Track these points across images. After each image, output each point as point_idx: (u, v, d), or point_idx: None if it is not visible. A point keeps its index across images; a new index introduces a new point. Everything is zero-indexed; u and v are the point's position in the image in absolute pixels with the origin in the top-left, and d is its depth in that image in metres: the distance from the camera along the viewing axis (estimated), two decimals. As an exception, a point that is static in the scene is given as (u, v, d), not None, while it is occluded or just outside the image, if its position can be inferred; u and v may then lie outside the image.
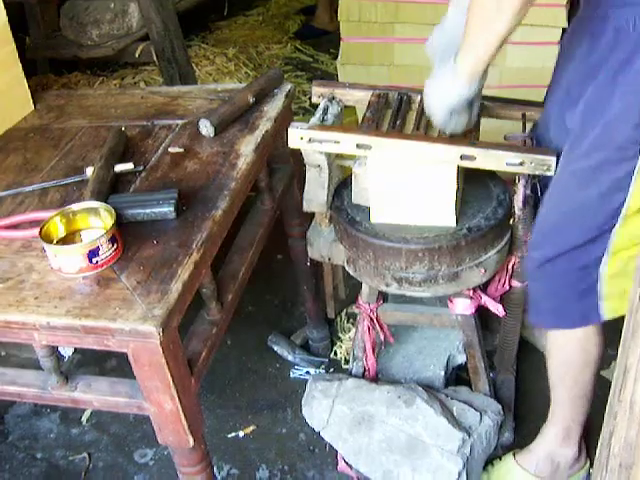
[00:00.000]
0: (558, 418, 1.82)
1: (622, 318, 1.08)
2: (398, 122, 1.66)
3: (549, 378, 1.79)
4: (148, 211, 1.44)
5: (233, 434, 2.15)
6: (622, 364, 1.01)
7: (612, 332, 1.64)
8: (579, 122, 1.44)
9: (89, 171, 1.59)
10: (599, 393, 1.73)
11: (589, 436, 1.86)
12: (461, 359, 2.01)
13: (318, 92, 1.81)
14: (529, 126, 1.73)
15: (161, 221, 1.44)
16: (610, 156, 1.38)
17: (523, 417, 2.04)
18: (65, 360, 2.37)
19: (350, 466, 1.88)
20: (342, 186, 1.77)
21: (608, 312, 1.57)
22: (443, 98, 1.49)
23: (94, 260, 1.31)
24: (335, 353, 2.37)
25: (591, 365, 1.72)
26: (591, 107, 1.40)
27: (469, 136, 1.62)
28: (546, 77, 1.69)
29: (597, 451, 1.18)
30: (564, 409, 1.80)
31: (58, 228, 1.41)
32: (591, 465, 1.87)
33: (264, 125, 1.76)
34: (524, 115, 1.74)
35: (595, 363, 1.72)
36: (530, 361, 2.20)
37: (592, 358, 1.70)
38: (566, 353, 1.72)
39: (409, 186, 1.60)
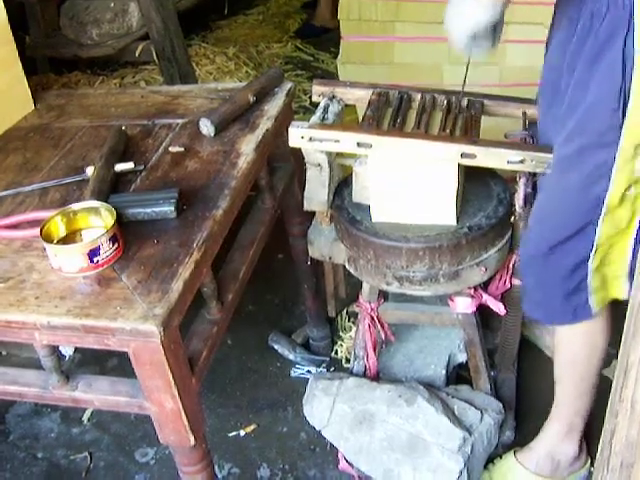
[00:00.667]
0: (562, 413, 1.82)
1: (623, 317, 1.08)
2: (398, 120, 1.66)
3: (555, 373, 1.78)
4: (149, 210, 1.44)
5: (234, 433, 2.14)
6: (623, 363, 1.01)
7: (613, 331, 1.64)
8: (564, 111, 1.44)
9: (89, 170, 1.59)
10: (600, 392, 1.73)
11: (590, 434, 1.86)
12: (462, 358, 2.01)
13: (318, 91, 1.80)
14: (529, 124, 1.73)
15: (162, 220, 1.44)
16: (590, 141, 1.38)
17: (524, 416, 2.04)
18: (66, 359, 2.37)
19: (351, 465, 1.88)
20: (343, 185, 1.77)
21: (596, 304, 1.58)
22: (466, 20, 1.40)
23: (95, 259, 1.31)
24: (336, 352, 2.36)
25: (597, 359, 1.72)
26: (572, 95, 1.40)
27: (470, 132, 1.62)
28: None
29: (598, 450, 1.18)
30: (569, 404, 1.80)
31: (59, 228, 1.41)
32: (592, 463, 1.87)
33: (264, 124, 1.76)
34: (524, 113, 1.74)
35: (601, 357, 1.72)
36: (531, 360, 2.20)
37: (599, 352, 1.70)
38: (573, 347, 1.71)
39: (410, 185, 1.60)
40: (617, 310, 1.61)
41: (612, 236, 1.46)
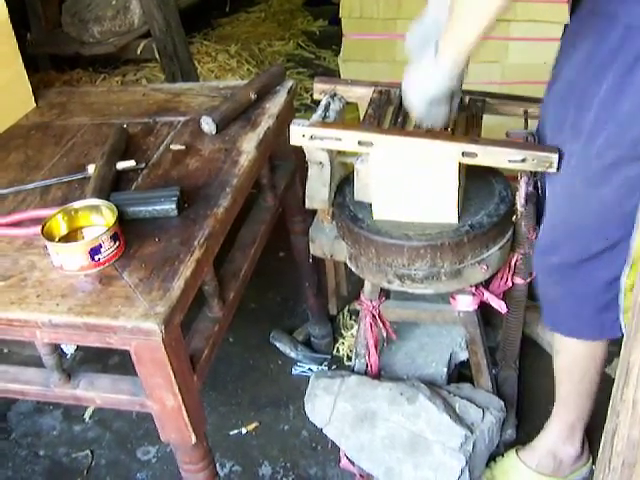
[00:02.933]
0: (563, 415, 1.82)
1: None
2: (400, 119, 1.66)
3: (555, 375, 1.78)
4: (150, 208, 1.44)
5: (235, 431, 2.15)
6: (625, 362, 1.01)
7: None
8: (591, 123, 1.41)
9: (91, 168, 1.59)
10: (602, 390, 1.73)
11: (592, 433, 1.85)
12: (463, 356, 2.01)
13: (320, 89, 1.80)
14: (531, 123, 1.72)
15: (163, 218, 1.44)
16: (623, 155, 1.37)
17: (526, 414, 2.04)
18: (67, 357, 2.38)
19: (353, 463, 1.87)
20: (344, 183, 1.77)
21: (626, 324, 1.56)
22: (423, 88, 1.47)
23: (96, 258, 1.31)
24: (337, 350, 2.37)
25: (597, 362, 1.72)
26: (603, 107, 1.37)
27: (471, 131, 1.62)
28: (548, 73, 1.68)
29: (600, 449, 1.18)
30: (569, 406, 1.80)
31: (60, 226, 1.42)
32: (593, 462, 1.87)
33: (266, 122, 1.76)
34: (526, 112, 1.73)
35: (601, 360, 1.72)
36: (533, 358, 2.20)
37: (599, 356, 1.70)
38: (573, 351, 1.71)
39: (411, 183, 1.60)
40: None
41: None
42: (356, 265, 1.73)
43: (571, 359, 1.73)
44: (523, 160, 1.54)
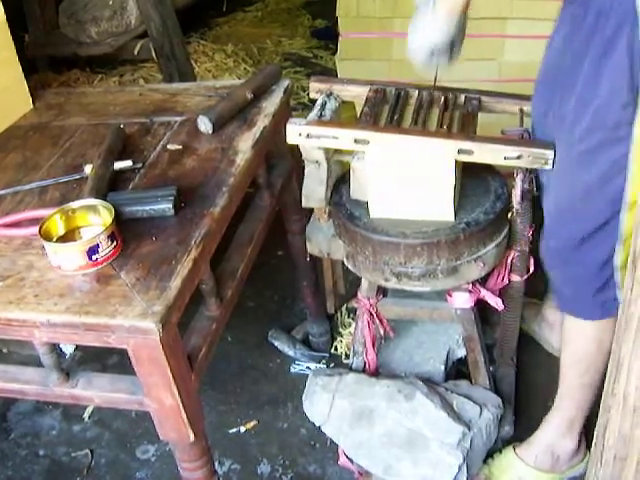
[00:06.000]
0: (564, 408, 1.82)
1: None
2: (396, 117, 1.67)
3: (561, 365, 1.79)
4: (147, 208, 1.44)
5: (234, 429, 2.15)
6: (615, 357, 1.02)
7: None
8: (573, 108, 1.45)
9: (88, 169, 1.60)
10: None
11: (588, 429, 1.86)
12: (461, 353, 2.02)
13: (316, 88, 1.81)
14: (526, 120, 1.73)
15: (160, 218, 1.44)
16: (604, 137, 1.40)
17: (523, 410, 2.04)
18: (66, 357, 2.38)
19: (351, 460, 1.88)
20: (341, 181, 1.78)
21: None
22: (424, 37, 1.50)
23: (93, 257, 1.32)
24: (335, 348, 2.37)
25: (603, 355, 1.72)
26: (582, 92, 1.41)
27: (467, 128, 1.62)
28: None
29: (592, 443, 1.19)
30: (572, 397, 1.80)
31: (57, 226, 1.42)
32: (591, 458, 1.88)
33: (262, 121, 1.77)
34: (521, 109, 1.74)
35: (607, 351, 1.72)
36: (530, 354, 2.20)
37: (605, 348, 1.70)
38: (581, 341, 1.73)
39: (407, 181, 1.60)
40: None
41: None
42: (353, 263, 1.74)
43: (579, 348, 1.74)
44: (519, 157, 1.55)
